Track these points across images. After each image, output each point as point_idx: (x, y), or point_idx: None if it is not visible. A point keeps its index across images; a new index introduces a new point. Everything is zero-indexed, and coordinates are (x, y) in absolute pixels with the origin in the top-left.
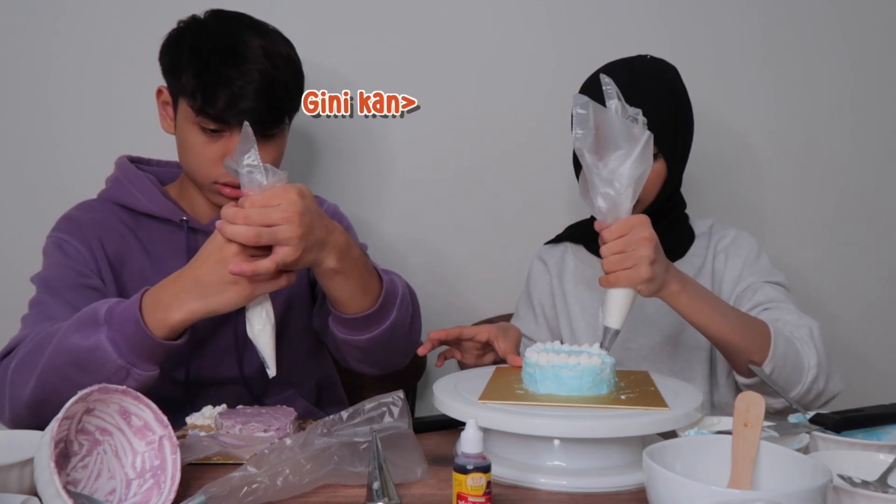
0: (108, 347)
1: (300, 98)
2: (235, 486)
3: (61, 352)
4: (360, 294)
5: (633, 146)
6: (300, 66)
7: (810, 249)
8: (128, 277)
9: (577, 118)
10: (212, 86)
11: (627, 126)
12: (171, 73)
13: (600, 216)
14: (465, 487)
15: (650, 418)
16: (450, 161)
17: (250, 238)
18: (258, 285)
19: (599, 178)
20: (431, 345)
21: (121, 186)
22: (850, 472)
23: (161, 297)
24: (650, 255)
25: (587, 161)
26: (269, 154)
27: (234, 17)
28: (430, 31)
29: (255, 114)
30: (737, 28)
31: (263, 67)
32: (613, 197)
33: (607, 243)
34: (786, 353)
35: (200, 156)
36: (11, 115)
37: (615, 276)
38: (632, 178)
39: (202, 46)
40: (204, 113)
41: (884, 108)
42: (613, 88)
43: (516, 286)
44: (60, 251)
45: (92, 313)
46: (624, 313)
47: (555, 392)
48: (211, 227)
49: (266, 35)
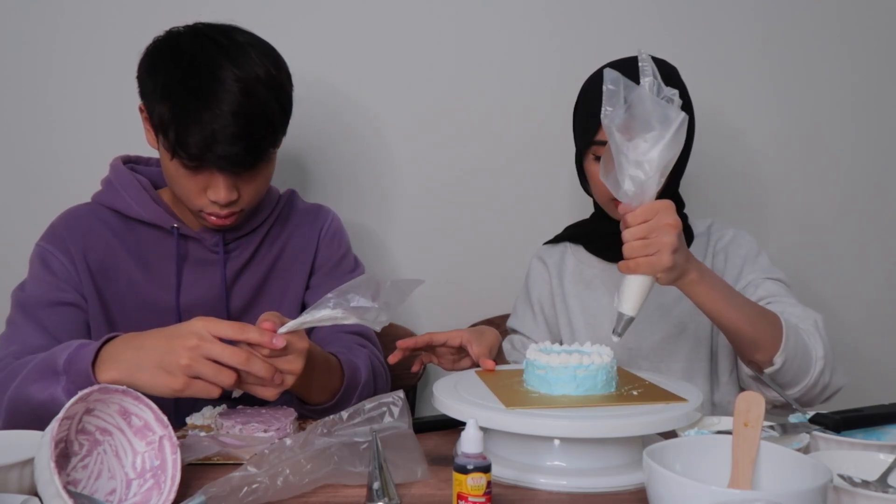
0: (65, 401)
1: (286, 119)
2: (235, 486)
3: (20, 401)
4: (319, 390)
5: (667, 128)
6: (285, 83)
7: (810, 249)
8: (114, 289)
9: (607, 94)
10: (184, 128)
11: (662, 107)
12: (146, 98)
13: (625, 199)
14: (465, 487)
15: (650, 418)
16: (449, 162)
17: (266, 375)
18: (197, 384)
19: (627, 160)
20: (401, 353)
21: (112, 190)
22: (850, 472)
23: (112, 352)
24: (674, 242)
25: (615, 140)
26: (252, 185)
27: (211, 39)
28: (430, 32)
29: (231, 158)
30: (737, 28)
31: (237, 106)
32: (641, 180)
33: (630, 227)
34: (796, 344)
35: (183, 187)
36: (11, 115)
37: (636, 262)
38: (662, 162)
39: (173, 78)
40: (178, 154)
41: (884, 108)
42: (650, 65)
43: (516, 287)
44: (43, 263)
45: (51, 362)
46: (641, 300)
47: (571, 392)
48: (202, 234)
49: (244, 60)
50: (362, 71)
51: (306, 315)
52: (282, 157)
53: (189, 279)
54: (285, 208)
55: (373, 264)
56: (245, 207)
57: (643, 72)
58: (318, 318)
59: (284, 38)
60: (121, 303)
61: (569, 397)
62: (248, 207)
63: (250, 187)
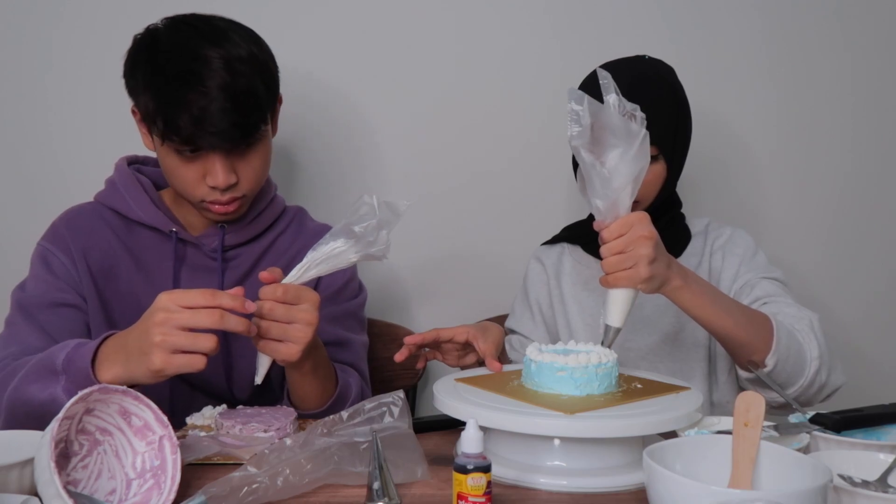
0: (66, 401)
1: (274, 97)
2: (235, 486)
3: (20, 401)
4: (317, 390)
5: (631, 143)
6: (268, 62)
7: (809, 249)
8: (114, 289)
9: (571, 115)
10: (172, 111)
11: (624, 122)
12: (133, 94)
13: (599, 216)
14: (465, 487)
15: (650, 419)
16: (447, 163)
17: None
18: (179, 359)
19: (598, 177)
20: (408, 350)
21: (115, 191)
22: (850, 472)
23: (107, 351)
24: (650, 254)
25: (584, 159)
26: (250, 167)
27: (189, 25)
28: (429, 32)
29: (223, 135)
30: (737, 28)
31: (223, 82)
32: (612, 196)
33: (607, 243)
34: (788, 345)
35: (181, 178)
36: (12, 115)
37: (615, 276)
38: (630, 176)
39: (157, 68)
40: (170, 140)
41: (883, 107)
42: (611, 83)
43: (514, 287)
44: (44, 263)
45: (50, 361)
46: (625, 312)
47: (572, 392)
48: (202, 239)
49: (224, 41)
50: (360, 72)
51: (310, 254)
52: (277, 158)
53: (186, 284)
54: (293, 224)
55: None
56: (246, 193)
57: (605, 88)
58: (322, 255)
59: (285, 37)
60: (120, 303)
61: (569, 397)
62: (249, 193)
63: (248, 170)
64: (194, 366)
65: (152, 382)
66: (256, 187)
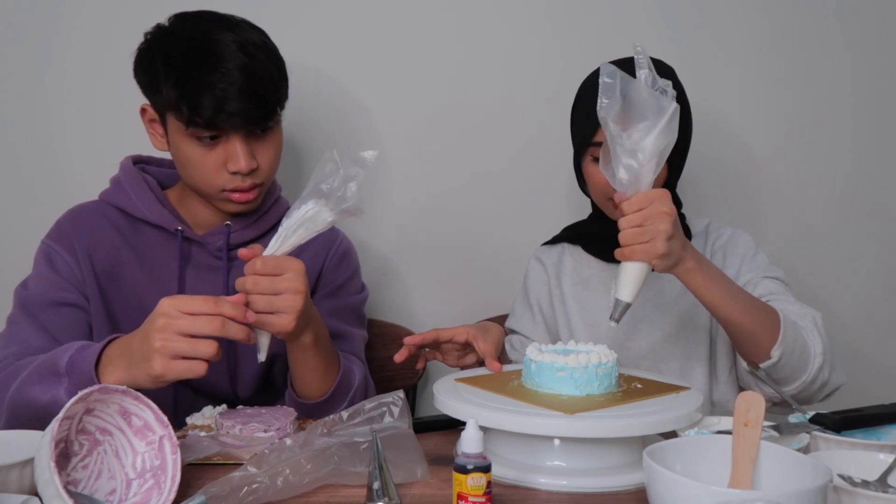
0: (68, 403)
1: (286, 86)
2: (235, 486)
3: (22, 403)
4: (323, 374)
5: (660, 118)
6: (278, 52)
7: (809, 249)
8: (117, 288)
9: (603, 87)
10: (195, 94)
11: (655, 97)
12: (150, 88)
13: (621, 188)
14: (465, 487)
15: (650, 419)
16: (447, 162)
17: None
18: (179, 365)
19: (622, 149)
20: (408, 350)
21: (120, 190)
22: (850, 472)
23: (110, 356)
24: (668, 230)
25: (611, 130)
26: (268, 153)
27: (199, 16)
28: (429, 33)
29: (245, 114)
30: (737, 28)
31: (241, 63)
32: (636, 169)
33: (626, 216)
34: (794, 338)
35: (202, 167)
36: (13, 114)
37: (631, 249)
38: (656, 151)
39: (174, 55)
40: (194, 123)
41: (883, 107)
42: (645, 58)
43: (514, 287)
44: (47, 262)
45: (53, 363)
46: (637, 287)
47: (572, 392)
48: (207, 238)
49: (236, 28)
50: (360, 72)
51: (285, 222)
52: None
53: (191, 283)
54: None
55: (371, 264)
56: (265, 181)
57: (639, 65)
58: (296, 221)
59: (285, 37)
60: (123, 303)
61: (569, 397)
62: (266, 181)
63: (266, 156)
64: (195, 372)
65: (154, 388)
66: (272, 176)
